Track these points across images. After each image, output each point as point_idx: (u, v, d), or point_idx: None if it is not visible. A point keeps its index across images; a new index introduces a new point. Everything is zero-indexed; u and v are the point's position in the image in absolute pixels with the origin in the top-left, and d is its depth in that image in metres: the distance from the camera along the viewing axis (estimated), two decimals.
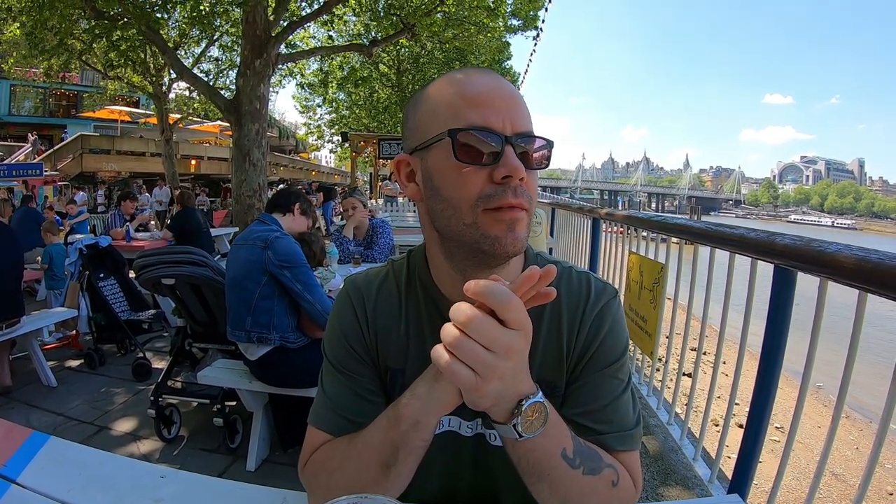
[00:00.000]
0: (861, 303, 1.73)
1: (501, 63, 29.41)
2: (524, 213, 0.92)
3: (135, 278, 4.22)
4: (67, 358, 5.73)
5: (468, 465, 1.14)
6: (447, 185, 0.93)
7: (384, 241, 5.29)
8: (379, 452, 0.92)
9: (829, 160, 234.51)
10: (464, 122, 0.91)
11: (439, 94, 0.98)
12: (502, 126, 0.90)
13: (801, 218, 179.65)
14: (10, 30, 13.14)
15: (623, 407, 1.04)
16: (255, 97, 10.64)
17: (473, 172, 0.90)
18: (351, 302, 1.14)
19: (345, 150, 32.50)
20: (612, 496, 0.96)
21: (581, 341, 1.06)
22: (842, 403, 1.84)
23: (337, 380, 1.10)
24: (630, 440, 1.03)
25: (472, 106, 0.92)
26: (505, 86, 0.96)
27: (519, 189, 0.90)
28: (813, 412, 7.09)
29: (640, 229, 4.10)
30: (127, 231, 8.51)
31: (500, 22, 14.65)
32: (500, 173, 0.89)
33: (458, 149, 0.90)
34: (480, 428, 1.11)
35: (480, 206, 0.90)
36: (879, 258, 1.49)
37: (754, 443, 2.21)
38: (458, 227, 0.93)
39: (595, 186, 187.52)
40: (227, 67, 21.08)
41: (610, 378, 1.05)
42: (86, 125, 31.82)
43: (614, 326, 1.08)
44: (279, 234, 3.38)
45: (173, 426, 4.01)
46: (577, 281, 1.11)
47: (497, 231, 0.90)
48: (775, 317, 2.13)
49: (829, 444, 1.85)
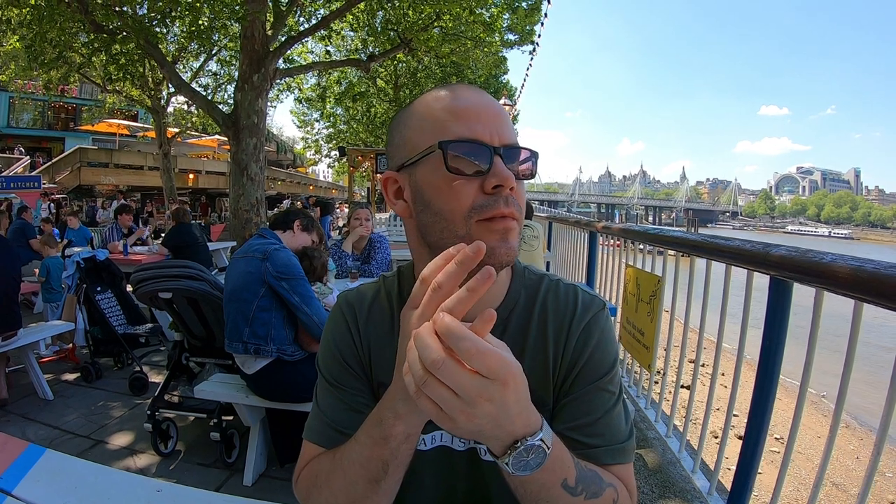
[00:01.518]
0: (857, 312, 1.74)
1: (498, 77, 29.59)
2: (515, 222, 0.94)
3: (132, 292, 4.22)
4: (64, 371, 5.71)
5: (462, 479, 1.14)
6: (439, 198, 0.94)
7: (381, 255, 5.27)
8: (366, 469, 0.92)
9: (826, 170, 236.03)
10: (452, 135, 0.92)
11: (426, 109, 0.99)
12: (490, 138, 0.93)
13: (797, 229, 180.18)
14: (9, 42, 13.19)
15: (615, 420, 1.04)
16: (252, 111, 10.67)
17: (465, 184, 0.91)
18: (344, 317, 1.15)
19: (342, 164, 32.53)
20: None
21: (569, 355, 1.06)
22: (840, 412, 1.84)
23: (331, 394, 1.11)
24: (623, 453, 1.03)
25: (460, 119, 0.94)
26: (490, 100, 0.98)
27: (510, 198, 0.92)
28: (813, 422, 7.09)
29: (637, 242, 4.12)
30: (124, 245, 8.50)
31: (496, 37, 14.69)
32: (490, 183, 0.90)
33: (449, 160, 0.91)
34: (472, 443, 1.11)
35: (474, 217, 0.91)
36: (875, 268, 1.50)
37: (753, 454, 2.21)
38: (451, 240, 0.92)
39: (592, 200, 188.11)
40: (225, 82, 21.12)
41: (601, 391, 1.04)
42: (84, 138, 31.94)
43: (602, 339, 1.08)
44: (278, 246, 3.39)
45: (170, 440, 3.99)
46: (564, 294, 1.12)
47: (492, 241, 0.90)
48: (772, 327, 2.14)
49: (828, 453, 1.85)
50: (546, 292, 1.11)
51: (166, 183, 21.96)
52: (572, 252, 6.83)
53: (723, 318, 2.68)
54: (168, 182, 21.98)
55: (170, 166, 22.23)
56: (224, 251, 11.23)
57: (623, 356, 4.08)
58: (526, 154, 0.98)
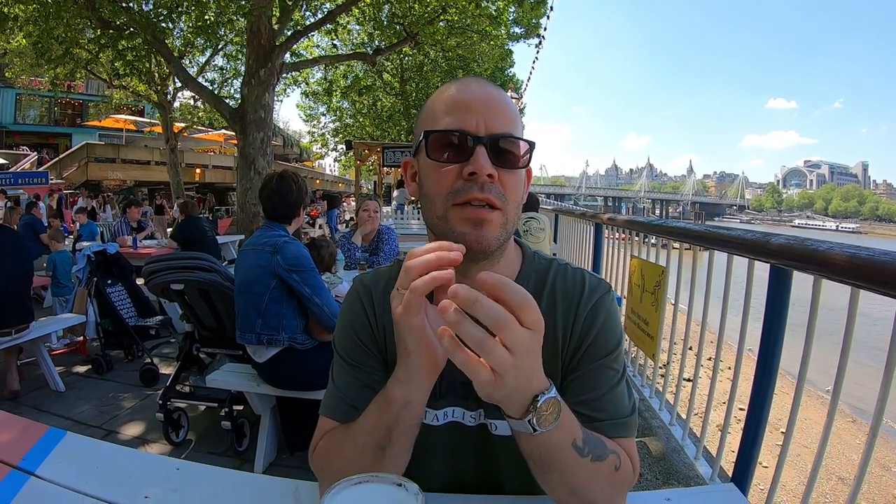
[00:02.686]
0: (854, 299, 1.78)
1: (504, 71, 29.47)
2: (494, 212, 1.00)
3: (144, 283, 4.26)
4: (75, 364, 5.78)
5: (471, 455, 1.18)
6: (427, 182, 1.06)
7: (389, 247, 5.31)
8: (373, 436, 0.97)
9: (833, 164, 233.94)
10: (441, 126, 1.02)
11: (431, 101, 1.10)
12: (475, 128, 1.00)
13: (805, 223, 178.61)
14: (16, 39, 13.22)
15: (619, 396, 1.09)
16: (259, 106, 10.70)
17: (447, 170, 1.01)
18: (360, 298, 1.21)
19: (349, 158, 32.56)
20: (614, 480, 1.00)
21: (577, 334, 1.11)
22: (837, 395, 1.88)
23: (346, 372, 1.15)
24: (626, 427, 1.08)
25: (450, 110, 1.03)
26: (486, 92, 1.05)
27: (487, 186, 0.98)
28: (819, 417, 7.09)
29: (642, 234, 4.15)
30: (133, 239, 8.57)
31: (502, 30, 14.71)
32: (467, 170, 0.98)
33: (429, 148, 1.02)
34: (483, 418, 1.15)
35: (450, 201, 1.00)
36: (869, 255, 1.55)
37: (753, 439, 2.25)
38: (432, 220, 1.06)
39: (599, 193, 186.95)
40: (231, 76, 21.10)
41: (606, 369, 1.09)
42: (91, 134, 31.98)
43: (608, 319, 1.13)
44: (287, 238, 3.42)
45: (181, 430, 4.05)
46: (573, 277, 1.17)
47: (462, 228, 1.00)
48: (772, 314, 2.18)
49: (826, 435, 1.89)
50: (555, 275, 1.18)
51: (173, 178, 21.99)
52: (578, 244, 6.86)
53: (725, 308, 2.71)
54: (175, 177, 22.01)
55: (177, 161, 22.26)
56: (232, 244, 11.27)
57: (628, 347, 4.11)
58: (519, 144, 1.03)
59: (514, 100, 2.46)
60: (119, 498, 1.19)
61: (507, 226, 1.04)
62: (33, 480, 1.27)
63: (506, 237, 1.05)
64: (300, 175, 3.82)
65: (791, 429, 2.09)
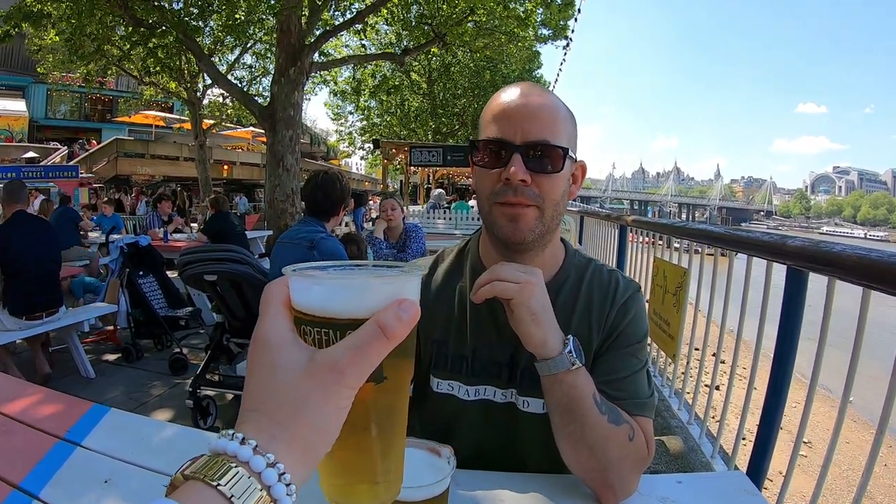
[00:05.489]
0: (865, 300, 1.83)
1: (532, 72, 29.47)
2: (529, 209, 1.16)
3: (178, 274, 4.36)
4: (105, 352, 5.95)
5: (496, 430, 1.29)
6: (477, 182, 1.23)
7: (416, 245, 5.37)
8: None
9: (862, 171, 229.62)
10: (485, 134, 1.19)
11: (485, 108, 1.24)
12: (513, 136, 1.13)
13: (833, 230, 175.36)
14: (49, 36, 13.47)
15: (640, 380, 1.22)
16: (288, 104, 10.87)
17: (490, 174, 1.18)
18: None
19: (375, 157, 32.69)
20: (628, 448, 1.11)
21: (608, 325, 1.26)
22: (848, 394, 1.92)
23: None
24: (644, 407, 1.21)
25: (494, 120, 1.17)
26: (528, 100, 1.17)
27: (520, 189, 1.14)
28: (852, 431, 7.02)
29: (665, 236, 4.19)
30: (164, 232, 8.76)
31: (530, 31, 14.70)
32: (504, 175, 1.14)
33: (476, 154, 1.20)
34: (513, 397, 1.27)
35: (492, 200, 1.18)
36: (879, 256, 1.61)
37: (768, 437, 2.29)
38: (483, 214, 1.24)
39: (625, 196, 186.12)
40: (259, 74, 21.34)
41: (630, 356, 1.24)
42: (121, 129, 32.37)
43: (637, 314, 1.28)
44: (324, 234, 3.50)
45: (209, 417, 4.16)
46: (608, 276, 1.32)
47: (501, 221, 1.18)
48: (788, 315, 2.23)
49: (836, 438, 1.93)
50: (592, 273, 1.32)
51: (201, 174, 22.16)
52: (602, 245, 6.88)
53: (743, 309, 2.76)
54: (203, 173, 22.17)
55: (205, 157, 22.41)
56: (260, 240, 11.41)
57: (650, 348, 4.14)
58: (552, 150, 1.15)
59: None
60: (162, 467, 1.27)
61: (544, 221, 1.17)
62: (79, 451, 1.36)
63: (542, 231, 1.18)
64: (344, 176, 3.92)
65: (802, 432, 2.13)
